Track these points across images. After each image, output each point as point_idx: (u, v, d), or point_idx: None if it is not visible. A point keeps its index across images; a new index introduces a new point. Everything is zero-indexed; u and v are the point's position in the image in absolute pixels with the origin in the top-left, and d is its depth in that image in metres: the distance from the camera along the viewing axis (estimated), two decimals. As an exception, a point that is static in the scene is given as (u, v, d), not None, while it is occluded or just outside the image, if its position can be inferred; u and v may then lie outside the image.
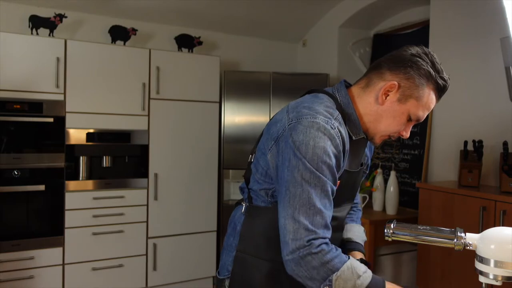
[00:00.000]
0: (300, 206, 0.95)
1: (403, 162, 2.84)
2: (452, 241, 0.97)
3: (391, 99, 1.05)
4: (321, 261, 0.93)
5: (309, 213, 0.95)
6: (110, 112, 2.94)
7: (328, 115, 1.01)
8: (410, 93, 1.03)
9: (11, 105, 2.64)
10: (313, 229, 0.94)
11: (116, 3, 3.17)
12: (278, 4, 3.43)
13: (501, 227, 0.94)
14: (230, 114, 3.30)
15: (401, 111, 1.05)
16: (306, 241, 0.94)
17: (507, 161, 2.03)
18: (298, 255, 0.94)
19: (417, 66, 1.03)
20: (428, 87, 1.04)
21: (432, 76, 1.03)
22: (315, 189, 0.96)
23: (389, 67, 1.06)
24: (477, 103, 2.40)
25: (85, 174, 2.93)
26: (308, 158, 0.95)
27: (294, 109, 1.05)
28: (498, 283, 0.90)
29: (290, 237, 0.95)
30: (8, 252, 2.64)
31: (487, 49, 2.34)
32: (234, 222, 1.22)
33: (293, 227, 0.95)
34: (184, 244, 3.22)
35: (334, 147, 0.98)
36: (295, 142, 0.97)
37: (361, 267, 0.97)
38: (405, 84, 1.03)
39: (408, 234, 1.03)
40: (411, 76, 1.03)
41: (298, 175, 0.96)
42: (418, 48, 1.06)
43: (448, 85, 1.08)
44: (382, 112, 1.07)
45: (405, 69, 1.03)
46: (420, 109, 1.05)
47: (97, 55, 2.89)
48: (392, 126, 1.07)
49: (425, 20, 2.96)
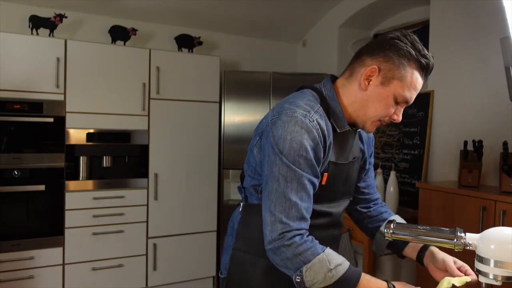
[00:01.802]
0: (276, 199, 1.00)
1: (403, 162, 2.84)
2: (452, 241, 0.97)
3: (374, 83, 1.05)
4: (293, 252, 0.97)
5: (284, 206, 0.99)
6: (110, 112, 2.94)
7: (308, 108, 1.04)
8: (392, 74, 1.03)
9: (11, 105, 2.64)
10: (287, 221, 0.98)
11: (116, 3, 3.17)
12: (278, 4, 3.43)
13: (501, 227, 0.94)
14: (230, 114, 3.29)
15: (386, 94, 1.05)
16: (279, 234, 0.98)
17: (507, 161, 2.03)
18: (274, 246, 0.99)
19: (396, 47, 1.03)
20: (410, 67, 1.03)
21: (412, 55, 1.03)
22: (292, 182, 0.99)
23: (368, 53, 1.07)
24: (477, 103, 2.40)
25: (85, 174, 2.93)
26: (285, 153, 0.99)
27: (278, 105, 1.09)
28: (498, 283, 0.90)
29: (268, 229, 1.00)
30: (8, 252, 2.64)
31: (487, 49, 2.34)
32: (233, 222, 1.24)
33: (270, 219, 1.00)
34: (184, 244, 3.22)
35: (311, 140, 1.01)
36: (274, 137, 1.01)
37: (335, 260, 0.98)
38: (385, 66, 1.04)
39: (408, 234, 1.04)
40: (390, 58, 1.03)
41: (275, 169, 1.00)
42: (397, 31, 1.06)
43: (431, 63, 1.05)
44: (367, 97, 1.07)
45: (383, 52, 1.04)
46: (405, 89, 1.04)
47: (97, 55, 2.89)
48: (380, 110, 1.07)
49: (425, 20, 2.96)
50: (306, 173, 1.00)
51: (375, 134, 2.92)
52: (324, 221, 1.16)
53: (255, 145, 1.11)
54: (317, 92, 1.12)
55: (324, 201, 1.14)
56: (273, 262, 1.03)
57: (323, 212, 1.15)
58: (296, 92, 1.16)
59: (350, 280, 0.97)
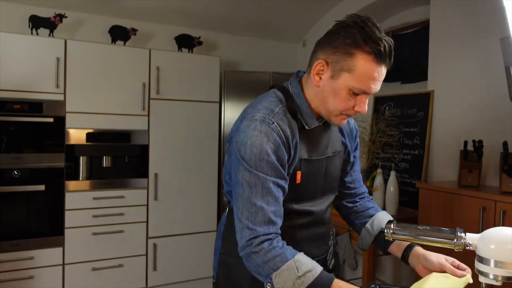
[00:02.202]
0: (242, 206, 0.99)
1: (403, 162, 2.84)
2: (452, 241, 0.97)
3: (325, 78, 1.01)
4: (262, 259, 0.96)
5: (251, 212, 0.98)
6: (110, 112, 2.94)
7: (268, 112, 1.02)
8: (340, 66, 0.98)
9: (11, 105, 2.64)
10: (254, 227, 0.97)
11: (116, 3, 3.17)
12: (278, 4, 3.43)
13: (501, 227, 0.94)
14: (230, 114, 3.29)
15: (338, 88, 1.00)
16: (246, 240, 0.98)
17: (507, 161, 2.03)
18: (245, 253, 0.99)
19: (344, 36, 0.96)
20: (360, 56, 0.95)
21: (361, 42, 0.95)
22: (256, 188, 0.98)
23: (320, 45, 1.03)
24: (477, 103, 2.40)
25: (85, 174, 2.93)
26: (246, 158, 0.99)
27: (244, 110, 1.09)
28: (498, 283, 0.90)
29: (238, 236, 1.00)
30: (8, 252, 2.64)
31: (487, 49, 2.34)
32: (220, 226, 1.24)
33: (239, 226, 1.00)
34: (184, 244, 3.22)
35: (272, 143, 0.99)
36: (236, 143, 1.01)
37: (305, 267, 0.96)
38: (332, 59, 0.99)
39: (408, 234, 1.03)
40: (337, 49, 0.97)
41: (240, 176, 1.00)
42: (350, 16, 1.00)
43: (387, 46, 0.96)
44: (322, 93, 1.03)
45: (332, 43, 0.99)
46: (357, 80, 0.97)
47: (97, 55, 2.89)
48: (337, 104, 1.02)
49: (425, 20, 2.96)
50: (270, 176, 0.99)
51: (376, 134, 2.92)
52: (306, 221, 1.14)
53: (226, 152, 1.12)
54: (284, 91, 1.10)
55: (304, 199, 1.12)
56: (248, 268, 1.02)
57: (304, 211, 1.13)
58: (262, 94, 1.14)
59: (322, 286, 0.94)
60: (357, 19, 0.97)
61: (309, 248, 1.13)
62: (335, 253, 2.56)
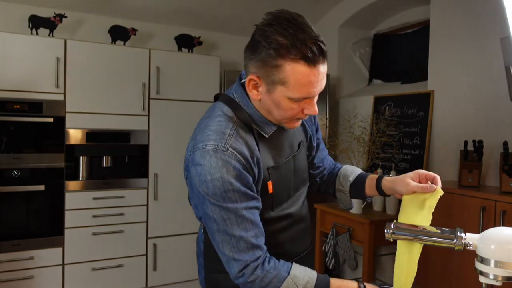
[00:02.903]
0: (221, 239, 0.95)
1: (403, 162, 2.84)
2: (452, 241, 0.97)
3: (262, 91, 0.95)
4: (260, 286, 0.94)
5: (231, 243, 0.94)
6: (110, 112, 2.94)
7: (219, 137, 0.95)
8: (271, 80, 0.90)
9: (11, 105, 2.64)
10: (239, 258, 0.94)
11: (116, 3, 3.17)
12: (278, 4, 3.41)
13: (501, 227, 0.94)
14: (230, 114, 3.29)
15: (278, 100, 0.93)
16: (237, 272, 0.95)
17: (507, 161, 2.03)
18: (240, 283, 0.96)
19: (267, 46, 0.87)
20: (288, 65, 0.87)
21: (284, 51, 0.86)
22: (229, 219, 0.93)
23: (248, 56, 0.94)
24: (477, 103, 2.40)
25: (85, 174, 2.93)
26: (210, 194, 0.93)
27: (193, 134, 1.03)
28: (498, 283, 0.90)
29: (226, 267, 0.98)
30: (8, 252, 2.64)
31: (487, 49, 2.34)
32: (198, 243, 1.20)
33: (224, 259, 0.97)
34: (184, 244, 3.22)
35: (232, 170, 0.92)
36: (195, 179, 0.96)
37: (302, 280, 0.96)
38: (262, 73, 0.91)
39: (408, 234, 1.03)
40: (264, 62, 0.89)
41: (209, 211, 0.95)
42: (266, 18, 0.91)
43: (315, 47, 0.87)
44: (264, 105, 0.98)
45: (257, 56, 0.90)
46: (294, 91, 0.90)
47: (97, 55, 2.89)
48: (283, 114, 0.97)
49: (425, 20, 2.96)
50: (240, 203, 0.93)
51: (376, 134, 2.92)
52: (286, 223, 1.12)
53: (186, 180, 1.08)
54: (230, 103, 1.03)
55: (279, 203, 1.09)
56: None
57: (282, 215, 1.10)
58: (209, 110, 1.09)
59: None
60: (274, 21, 0.88)
61: (291, 248, 1.13)
62: (335, 253, 2.56)
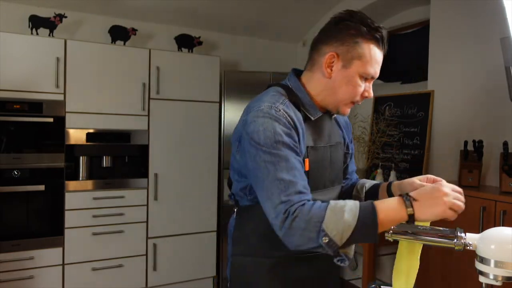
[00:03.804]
0: (270, 185, 0.98)
1: (403, 162, 2.84)
2: (452, 241, 0.97)
3: (337, 69, 1.09)
4: (305, 220, 0.93)
5: (280, 187, 0.97)
6: (110, 112, 2.94)
7: (272, 101, 1.07)
8: (350, 55, 1.07)
9: (11, 105, 2.64)
10: (287, 199, 0.96)
11: (116, 3, 3.17)
12: (278, 4, 3.43)
13: (501, 227, 0.94)
14: (230, 114, 3.29)
15: (351, 75, 1.08)
16: (283, 213, 0.95)
17: (507, 161, 2.03)
18: (286, 228, 0.95)
19: (347, 28, 1.07)
20: (366, 43, 1.07)
21: (364, 31, 1.06)
22: (279, 165, 0.98)
23: (323, 41, 1.11)
24: (477, 103, 2.40)
25: (85, 174, 2.93)
26: (262, 143, 1.00)
27: (247, 107, 1.13)
28: (498, 283, 0.90)
29: (273, 216, 0.97)
30: (8, 252, 2.64)
31: (487, 49, 2.34)
32: (230, 229, 1.23)
33: (271, 206, 0.97)
34: (184, 244, 3.22)
35: (282, 125, 1.02)
36: (248, 134, 1.03)
37: (340, 202, 0.96)
38: (342, 50, 1.07)
39: (408, 234, 1.03)
40: (345, 40, 1.07)
41: (259, 161, 1.00)
42: (342, 12, 1.10)
43: (384, 33, 1.09)
44: (333, 83, 1.10)
45: (336, 36, 1.08)
46: (367, 65, 1.07)
47: (97, 55, 2.89)
48: (349, 92, 1.10)
49: (425, 20, 2.96)
50: (289, 153, 1.00)
51: (376, 134, 2.92)
52: None
53: (236, 151, 1.13)
54: (283, 87, 1.15)
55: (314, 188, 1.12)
56: (293, 248, 0.97)
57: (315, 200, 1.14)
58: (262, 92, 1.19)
59: (368, 212, 0.93)
60: (352, 13, 1.08)
61: None
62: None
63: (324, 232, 0.92)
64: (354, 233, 0.92)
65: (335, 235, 0.92)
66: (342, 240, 0.92)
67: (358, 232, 0.92)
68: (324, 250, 0.94)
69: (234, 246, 1.17)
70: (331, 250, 0.93)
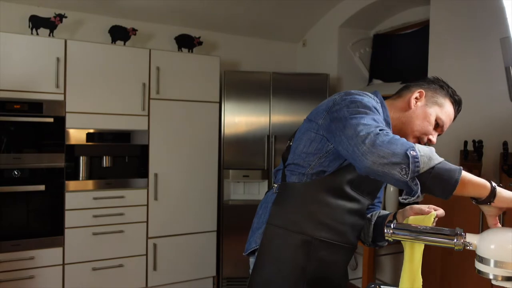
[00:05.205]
0: (357, 123, 1.02)
1: (403, 162, 2.84)
2: (452, 241, 0.97)
3: (420, 103, 1.27)
4: (392, 136, 0.96)
5: (365, 124, 1.01)
6: (110, 112, 2.94)
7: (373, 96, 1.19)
8: (434, 100, 1.27)
9: (11, 105, 2.64)
10: (372, 123, 1.01)
11: (116, 3, 3.17)
12: (278, 4, 3.43)
13: (501, 227, 0.94)
14: (230, 114, 3.29)
15: (429, 113, 1.25)
16: (366, 133, 0.97)
17: (507, 161, 2.03)
18: (370, 146, 0.95)
19: (437, 85, 1.30)
20: (447, 100, 1.28)
21: (448, 92, 1.30)
22: (366, 115, 1.05)
23: (414, 85, 1.31)
24: (477, 103, 2.40)
25: (85, 174, 2.93)
26: (358, 104, 1.09)
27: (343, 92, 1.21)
28: (498, 283, 0.90)
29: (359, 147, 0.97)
30: (8, 252, 2.64)
31: (487, 49, 2.34)
32: (266, 202, 1.28)
33: (352, 143, 0.99)
34: (184, 244, 3.22)
35: (373, 99, 1.15)
36: (345, 100, 1.12)
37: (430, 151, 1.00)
38: (429, 93, 1.28)
39: (408, 234, 1.03)
40: (434, 88, 1.29)
41: (346, 113, 1.07)
42: (436, 79, 1.34)
43: (461, 102, 1.32)
44: (413, 114, 1.26)
45: (428, 84, 1.31)
46: (443, 114, 1.26)
47: (97, 55, 2.89)
48: (422, 126, 1.25)
49: (425, 20, 2.96)
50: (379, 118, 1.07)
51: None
52: (355, 207, 1.22)
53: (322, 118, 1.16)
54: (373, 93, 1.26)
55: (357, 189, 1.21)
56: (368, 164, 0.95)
57: (353, 197, 1.21)
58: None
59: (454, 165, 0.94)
60: (442, 82, 1.33)
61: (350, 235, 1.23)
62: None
63: (413, 148, 0.92)
64: (438, 167, 0.91)
65: (423, 155, 0.91)
66: (428, 164, 0.91)
67: (442, 168, 0.92)
68: (402, 172, 0.91)
69: (271, 216, 1.22)
70: (413, 167, 0.90)
